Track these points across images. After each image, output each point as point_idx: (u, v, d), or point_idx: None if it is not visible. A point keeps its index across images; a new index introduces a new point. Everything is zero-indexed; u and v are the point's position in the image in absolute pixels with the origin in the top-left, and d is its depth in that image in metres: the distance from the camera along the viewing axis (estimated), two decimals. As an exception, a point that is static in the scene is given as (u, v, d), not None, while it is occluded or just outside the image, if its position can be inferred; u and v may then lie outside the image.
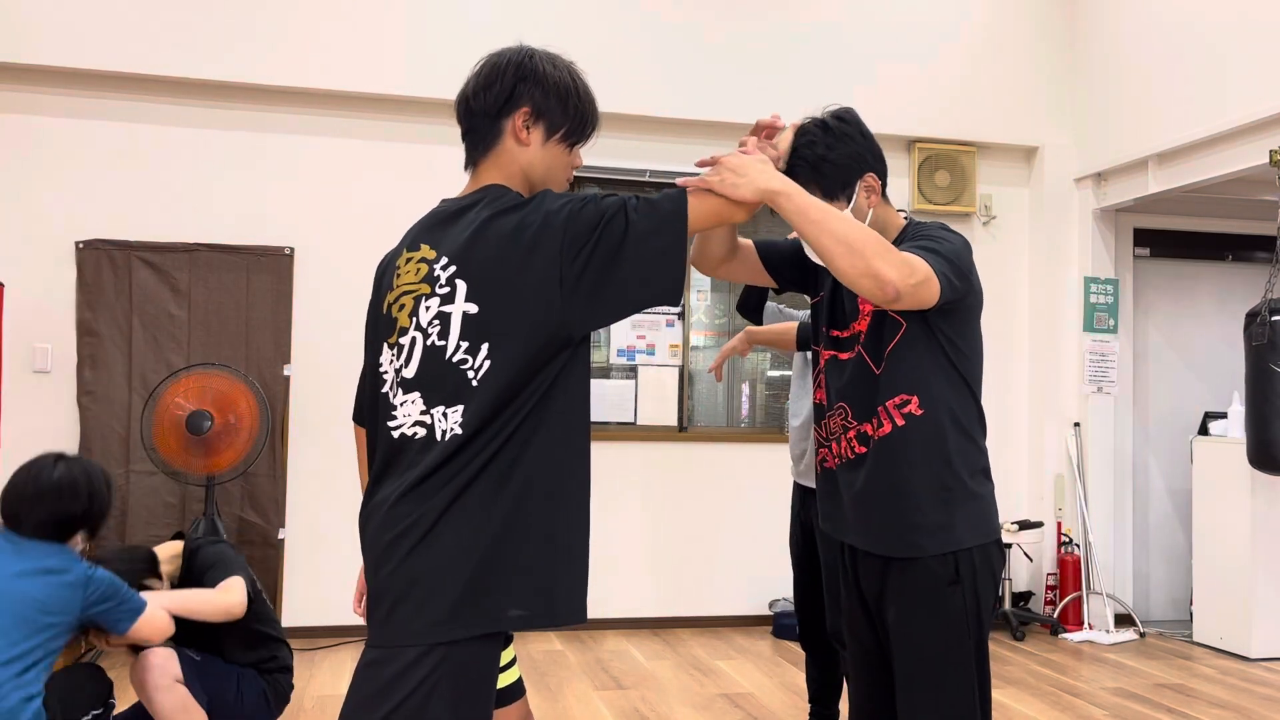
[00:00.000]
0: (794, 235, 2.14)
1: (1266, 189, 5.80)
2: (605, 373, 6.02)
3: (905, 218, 2.21)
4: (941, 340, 2.06)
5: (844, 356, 2.16)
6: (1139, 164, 5.87)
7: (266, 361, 5.42)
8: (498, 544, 1.64)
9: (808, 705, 3.67)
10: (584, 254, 1.64)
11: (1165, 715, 4.39)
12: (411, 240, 1.78)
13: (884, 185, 2.15)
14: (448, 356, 1.66)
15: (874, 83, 6.13)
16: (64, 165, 5.36)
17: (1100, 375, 6.27)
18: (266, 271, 5.54)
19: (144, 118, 5.46)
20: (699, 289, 6.15)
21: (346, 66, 5.53)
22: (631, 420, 5.98)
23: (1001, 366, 6.43)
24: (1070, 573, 6.09)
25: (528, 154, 1.79)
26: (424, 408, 1.68)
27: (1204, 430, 5.90)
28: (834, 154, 2.10)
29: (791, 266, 2.27)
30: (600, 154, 5.92)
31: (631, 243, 1.66)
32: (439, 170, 5.76)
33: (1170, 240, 6.59)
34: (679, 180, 1.80)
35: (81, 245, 5.33)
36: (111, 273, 5.36)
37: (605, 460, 5.90)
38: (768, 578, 5.89)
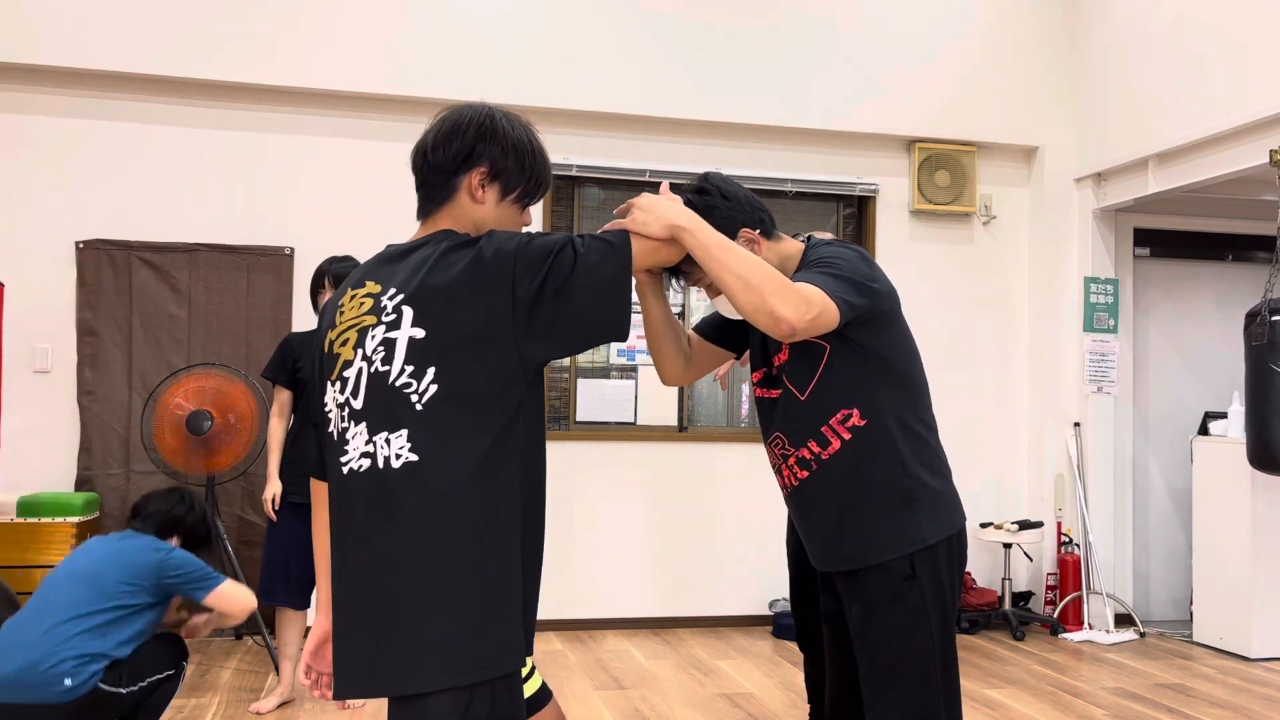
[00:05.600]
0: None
1: (1266, 189, 5.79)
2: (605, 373, 6.02)
3: (803, 240, 2.25)
4: (867, 349, 2.10)
5: (774, 393, 2.21)
6: (1139, 164, 5.86)
7: (266, 361, 5.41)
8: (485, 581, 1.63)
9: (807, 705, 3.67)
10: (534, 283, 1.65)
11: (1165, 715, 4.39)
12: (358, 279, 1.78)
13: (766, 227, 2.18)
14: (390, 381, 1.65)
15: (874, 83, 6.14)
16: (64, 165, 5.36)
17: (1100, 375, 6.27)
18: (266, 271, 5.54)
19: (144, 118, 5.46)
20: (699, 289, 6.14)
21: (346, 66, 5.53)
22: (631, 420, 5.99)
23: (1001, 366, 6.43)
24: (1070, 573, 6.09)
25: (481, 211, 1.79)
26: (368, 437, 1.67)
27: (1204, 430, 5.90)
28: (726, 193, 2.15)
29: (732, 331, 2.34)
30: (600, 154, 5.95)
31: (580, 273, 1.68)
32: (439, 170, 5.76)
33: (1170, 240, 6.59)
34: (603, 228, 1.86)
35: (81, 245, 5.33)
36: (111, 273, 5.36)
37: (605, 460, 5.90)
38: (768, 578, 5.89)
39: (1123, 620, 6.15)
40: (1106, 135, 6.11)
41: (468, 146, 1.76)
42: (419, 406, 1.63)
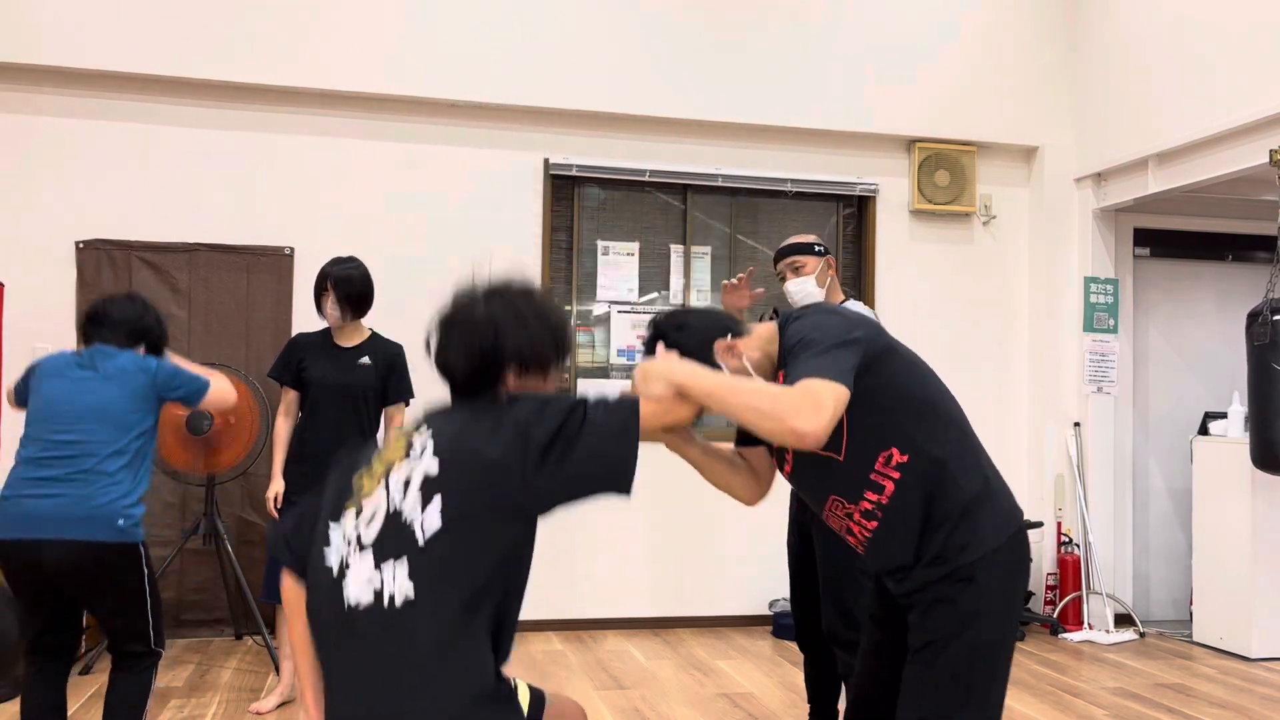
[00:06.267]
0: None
1: (1266, 189, 5.80)
2: (605, 373, 6.02)
3: (773, 315, 2.26)
4: (878, 391, 2.11)
5: (804, 461, 2.22)
6: (1139, 164, 5.86)
7: (266, 361, 5.40)
8: (464, 684, 1.69)
9: (807, 705, 3.67)
10: (548, 430, 1.76)
11: (1165, 715, 4.39)
12: (414, 424, 1.89)
13: (735, 327, 2.23)
14: (404, 518, 1.74)
15: (874, 83, 6.14)
16: (64, 165, 5.36)
17: (1100, 375, 6.27)
18: (266, 271, 5.54)
19: (144, 118, 5.47)
20: (699, 289, 6.16)
21: (346, 66, 5.53)
22: (631, 420, 5.98)
23: (1001, 366, 6.43)
24: (1070, 572, 6.09)
25: (515, 384, 1.91)
26: (373, 567, 1.73)
27: (1204, 430, 5.90)
28: (686, 326, 2.21)
29: None
30: (600, 154, 5.95)
31: (591, 421, 1.80)
32: (439, 170, 5.76)
33: (1170, 240, 6.58)
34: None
35: (81, 245, 5.33)
36: (111, 273, 5.36)
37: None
38: (768, 578, 5.89)
39: (1123, 620, 6.15)
40: (1106, 135, 6.11)
41: (495, 369, 1.86)
42: (420, 543, 1.71)
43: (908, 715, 2.10)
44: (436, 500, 1.71)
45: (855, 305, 3.63)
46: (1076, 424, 6.27)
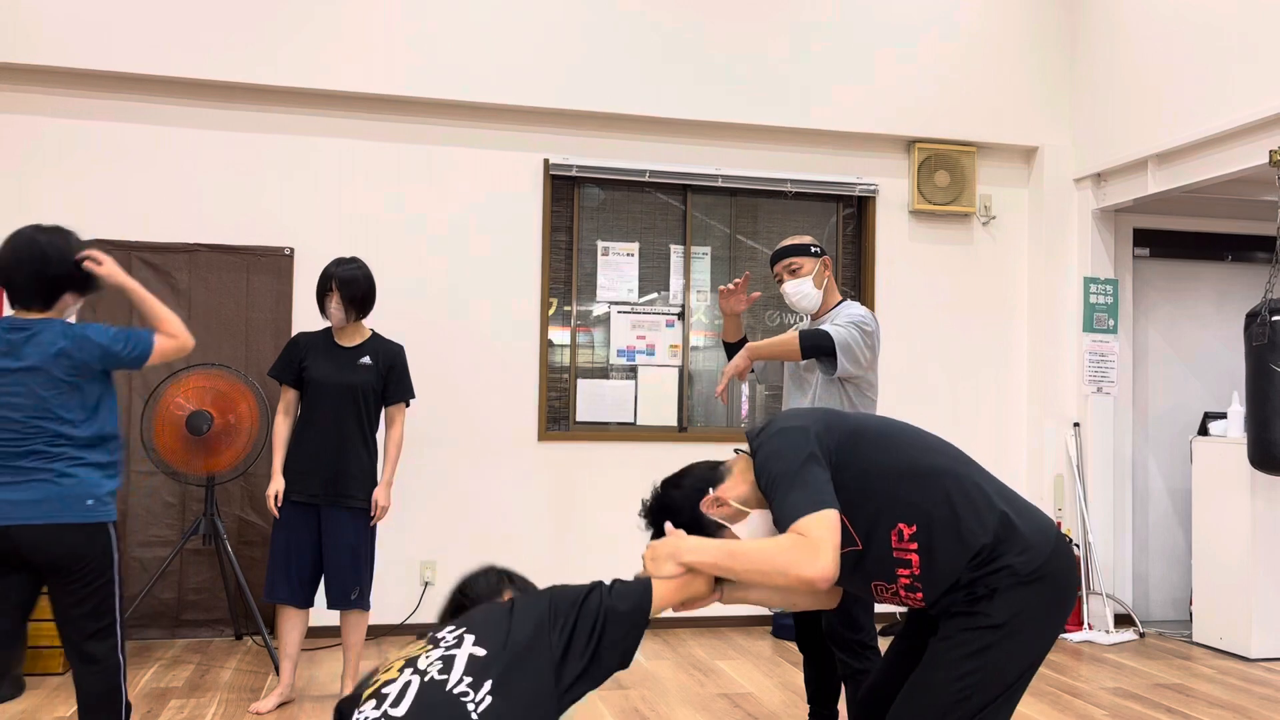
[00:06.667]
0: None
1: (1266, 189, 5.80)
2: (605, 373, 6.02)
3: (747, 447, 2.26)
4: (857, 480, 2.12)
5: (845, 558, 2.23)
6: (1138, 164, 5.87)
7: (266, 361, 5.41)
8: None
9: (807, 705, 3.67)
10: (568, 625, 1.84)
11: (1165, 715, 4.39)
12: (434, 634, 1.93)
13: (714, 477, 2.25)
14: (449, 688, 1.73)
15: (873, 83, 6.14)
16: (64, 165, 5.36)
17: (1100, 375, 6.27)
18: (266, 271, 5.54)
19: (144, 118, 5.47)
20: (698, 289, 6.16)
21: (346, 66, 5.53)
22: (631, 420, 5.98)
23: (1001, 366, 6.43)
24: (1070, 573, 6.08)
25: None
26: None
27: (1204, 430, 5.90)
28: (671, 504, 2.25)
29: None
30: (600, 154, 5.95)
31: (607, 613, 1.88)
32: (439, 170, 5.76)
33: (1170, 240, 6.59)
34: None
35: (81, 245, 5.33)
36: (111, 273, 5.36)
37: (605, 460, 5.91)
38: (767, 578, 5.89)
39: (1122, 620, 6.16)
40: (1106, 135, 6.11)
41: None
42: (474, 715, 1.70)
43: (902, 711, 2.11)
44: (487, 684, 1.73)
45: (854, 306, 3.63)
46: (1076, 424, 6.27)
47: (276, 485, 4.22)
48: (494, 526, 5.75)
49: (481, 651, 1.77)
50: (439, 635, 1.84)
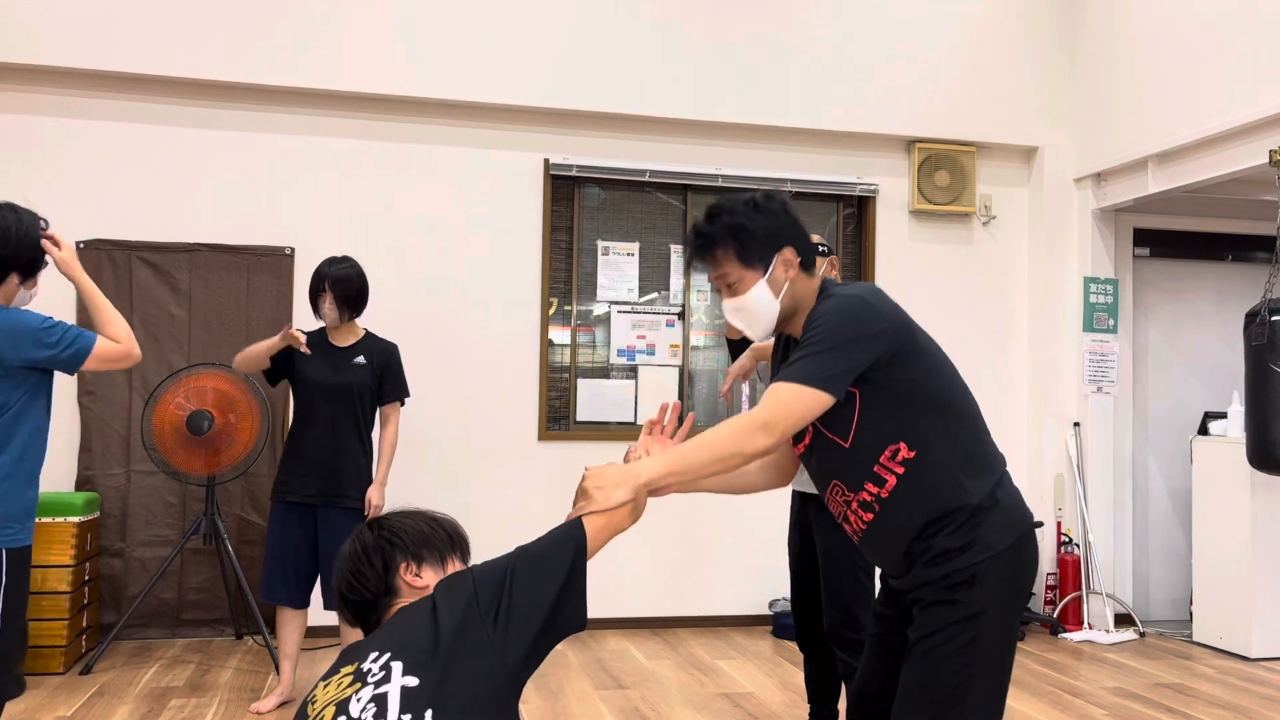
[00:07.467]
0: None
1: (1266, 189, 5.80)
2: (605, 373, 6.02)
3: (824, 283, 2.24)
4: (898, 385, 2.10)
5: (807, 440, 2.23)
6: (1138, 164, 5.87)
7: (266, 361, 5.42)
8: None
9: (807, 705, 3.68)
10: (500, 594, 1.74)
11: (1165, 715, 4.39)
12: (326, 674, 1.79)
13: (807, 260, 2.21)
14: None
15: (874, 83, 6.14)
16: (64, 165, 5.36)
17: (1100, 375, 6.27)
18: (266, 271, 5.54)
19: (144, 118, 5.47)
20: (698, 289, 6.16)
21: (348, 66, 5.53)
22: (631, 420, 5.98)
23: (1001, 366, 6.43)
24: (1070, 572, 6.09)
25: (424, 582, 1.87)
26: None
27: (1204, 430, 5.90)
28: (753, 224, 2.18)
29: None
30: (600, 154, 5.95)
31: (535, 562, 1.79)
32: (439, 170, 5.76)
33: (1170, 240, 6.59)
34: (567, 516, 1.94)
35: (81, 245, 5.33)
36: (111, 273, 5.36)
37: (605, 460, 5.89)
38: (767, 578, 5.89)
39: (1122, 620, 6.16)
40: (1106, 135, 6.11)
41: (381, 578, 1.88)
42: None
43: (902, 714, 2.10)
44: (428, 713, 1.63)
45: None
46: (1076, 424, 6.27)
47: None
48: (494, 526, 5.73)
49: (414, 681, 1.66)
50: (364, 667, 1.71)
